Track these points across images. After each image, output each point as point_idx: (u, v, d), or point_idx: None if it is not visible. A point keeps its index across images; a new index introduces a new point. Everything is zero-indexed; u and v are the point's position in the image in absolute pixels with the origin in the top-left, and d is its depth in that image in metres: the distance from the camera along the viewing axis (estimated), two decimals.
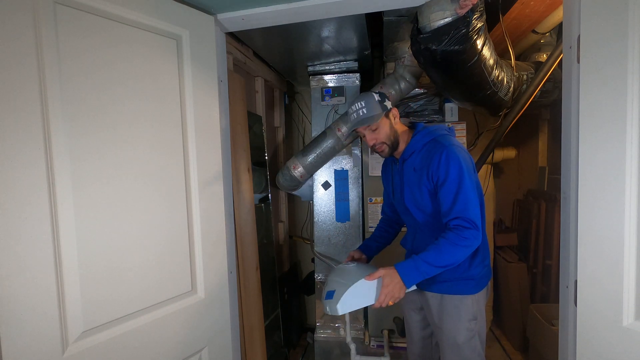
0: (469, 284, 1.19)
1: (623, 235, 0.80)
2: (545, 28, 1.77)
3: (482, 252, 1.21)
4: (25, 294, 0.76)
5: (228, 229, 1.25)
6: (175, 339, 1.07)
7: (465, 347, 1.19)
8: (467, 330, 1.19)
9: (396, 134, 1.22)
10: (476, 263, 1.19)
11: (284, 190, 2.30)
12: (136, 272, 0.97)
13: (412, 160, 1.21)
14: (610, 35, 0.80)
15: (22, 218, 0.75)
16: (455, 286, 1.19)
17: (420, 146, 1.19)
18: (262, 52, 1.97)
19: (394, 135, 1.21)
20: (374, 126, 1.19)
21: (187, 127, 1.09)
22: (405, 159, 1.23)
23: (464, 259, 1.13)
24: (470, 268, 1.18)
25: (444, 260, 1.05)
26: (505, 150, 2.60)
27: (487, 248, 1.25)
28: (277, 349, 2.08)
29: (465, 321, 1.19)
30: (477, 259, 1.19)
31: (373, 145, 1.22)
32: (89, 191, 0.86)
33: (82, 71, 0.85)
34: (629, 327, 0.80)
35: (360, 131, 1.22)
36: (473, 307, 1.19)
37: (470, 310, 1.19)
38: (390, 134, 1.20)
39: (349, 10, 1.21)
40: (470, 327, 1.19)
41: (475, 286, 1.19)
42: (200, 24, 1.14)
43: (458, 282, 1.19)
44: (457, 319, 1.19)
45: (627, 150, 0.79)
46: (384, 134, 1.20)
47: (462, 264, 1.17)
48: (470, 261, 1.18)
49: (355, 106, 1.19)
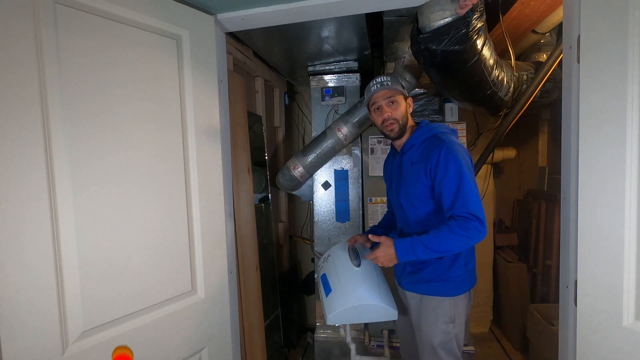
0: (447, 285, 1.18)
1: (623, 235, 0.80)
2: (545, 28, 1.77)
3: (465, 255, 1.19)
4: (26, 294, 0.76)
5: (228, 229, 1.25)
6: (175, 338, 1.07)
7: (441, 349, 1.18)
8: (443, 333, 1.18)
9: (407, 120, 1.22)
10: (457, 265, 1.17)
11: (284, 190, 2.30)
12: (136, 272, 0.97)
13: (410, 153, 1.21)
14: (610, 35, 0.80)
15: (22, 219, 0.75)
16: (433, 287, 1.19)
17: (420, 141, 1.19)
18: (262, 52, 1.97)
19: (406, 119, 1.21)
20: (394, 98, 1.19)
21: (187, 127, 1.09)
22: (405, 152, 1.23)
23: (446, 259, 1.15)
24: (450, 269, 1.17)
25: (441, 245, 1.05)
26: (505, 150, 2.60)
27: (472, 253, 1.23)
28: (277, 349, 2.07)
29: (441, 323, 1.17)
30: (460, 260, 1.18)
31: (385, 119, 1.19)
32: (89, 191, 0.86)
33: (82, 71, 0.85)
34: (629, 327, 0.80)
35: (378, 100, 1.20)
36: (451, 309, 1.18)
37: (448, 312, 1.17)
38: (404, 115, 1.20)
39: (349, 10, 1.21)
40: (447, 330, 1.18)
41: (454, 289, 1.18)
42: (200, 24, 1.14)
43: (437, 283, 1.18)
44: (433, 321, 1.18)
45: (627, 150, 0.79)
46: (400, 112, 1.19)
47: (443, 264, 1.17)
48: (451, 262, 1.17)
49: (380, 78, 1.19)
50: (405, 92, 1.22)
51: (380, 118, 1.21)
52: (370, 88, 1.21)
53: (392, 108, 1.19)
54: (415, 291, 1.24)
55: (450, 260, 1.17)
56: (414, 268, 1.23)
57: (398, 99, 1.19)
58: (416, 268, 1.22)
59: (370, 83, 1.22)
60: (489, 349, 2.34)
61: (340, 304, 1.14)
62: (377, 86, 1.18)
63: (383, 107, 1.19)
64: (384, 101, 1.19)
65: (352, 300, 1.14)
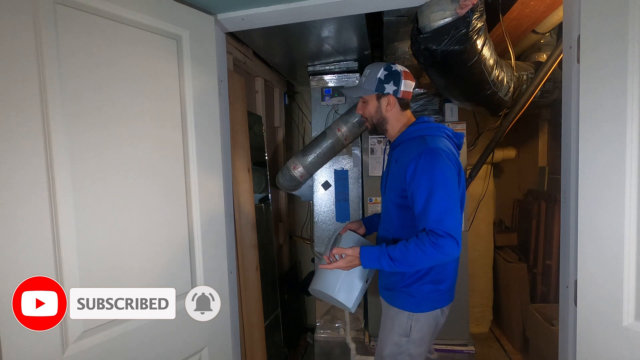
0: (408, 300, 1.12)
1: (623, 235, 0.80)
2: (545, 28, 1.77)
3: (437, 274, 1.11)
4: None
5: (228, 229, 1.25)
6: (175, 338, 1.07)
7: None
8: (394, 345, 1.14)
9: (382, 119, 1.17)
10: (423, 281, 1.11)
11: (284, 190, 2.30)
12: (136, 272, 0.97)
13: (397, 151, 1.16)
14: (610, 35, 0.80)
15: (21, 217, 0.75)
16: (395, 297, 1.15)
17: (408, 139, 1.12)
18: (262, 52, 1.97)
19: (379, 119, 1.18)
20: (364, 98, 1.19)
21: (187, 127, 1.09)
22: (393, 148, 1.19)
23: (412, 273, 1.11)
24: (414, 284, 1.11)
25: (406, 260, 0.99)
26: (505, 150, 2.60)
27: (451, 271, 1.15)
28: (277, 349, 2.07)
29: (395, 335, 1.14)
30: (427, 277, 1.11)
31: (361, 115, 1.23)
32: (89, 191, 0.86)
33: (82, 71, 0.85)
34: (629, 327, 0.80)
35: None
36: (407, 323, 1.12)
37: (404, 326, 1.12)
38: (373, 115, 1.18)
39: (349, 10, 1.20)
40: (399, 343, 1.13)
41: (415, 305, 1.12)
42: (200, 24, 1.14)
43: (399, 294, 1.14)
44: (388, 330, 1.16)
45: (627, 150, 0.79)
46: (368, 111, 1.19)
47: (406, 277, 1.12)
48: (417, 277, 1.11)
49: (364, 71, 1.18)
50: (381, 88, 1.13)
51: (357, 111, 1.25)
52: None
53: (364, 106, 1.20)
54: (382, 296, 1.23)
55: (415, 275, 1.11)
56: (384, 273, 1.22)
57: (367, 99, 1.18)
58: (386, 273, 1.20)
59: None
60: (489, 349, 2.34)
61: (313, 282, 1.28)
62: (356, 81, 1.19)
63: (358, 103, 1.23)
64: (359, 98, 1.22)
65: (318, 285, 1.24)
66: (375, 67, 1.15)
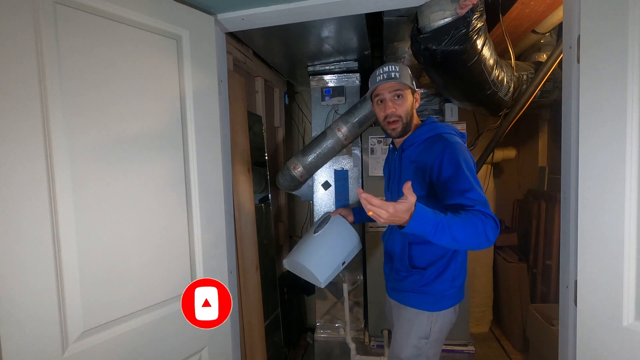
0: (427, 299, 1.10)
1: (623, 235, 0.80)
2: (545, 28, 1.77)
3: (453, 270, 1.10)
4: (25, 293, 0.76)
5: (228, 229, 1.25)
6: (175, 338, 1.07)
7: None
8: (414, 348, 1.11)
9: (412, 117, 1.12)
10: (443, 279, 1.09)
11: (284, 190, 2.30)
12: (136, 272, 0.97)
13: (409, 152, 1.12)
14: (610, 35, 0.80)
15: (22, 218, 0.75)
16: (413, 298, 1.12)
17: (421, 140, 1.10)
18: (262, 52, 1.97)
19: (410, 116, 1.11)
20: (401, 92, 1.08)
21: (187, 126, 1.09)
22: (405, 149, 1.14)
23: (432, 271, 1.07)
24: (433, 282, 1.09)
25: (460, 235, 0.84)
26: (505, 150, 2.60)
27: (463, 268, 1.14)
28: (277, 349, 2.07)
29: (414, 338, 1.11)
30: (446, 274, 1.09)
31: (388, 115, 1.08)
32: (89, 191, 0.86)
33: (82, 71, 0.85)
34: (629, 327, 0.80)
35: (382, 93, 1.09)
36: (427, 325, 1.10)
37: (424, 328, 1.10)
38: (409, 112, 1.10)
39: (349, 10, 1.20)
40: (419, 346, 1.10)
41: (435, 303, 1.10)
42: (200, 24, 1.14)
43: (417, 294, 1.11)
44: (406, 333, 1.12)
45: (627, 150, 0.79)
46: (404, 108, 1.08)
47: (426, 276, 1.09)
48: (435, 275, 1.09)
49: (388, 67, 1.07)
50: (413, 85, 1.11)
51: (383, 113, 1.11)
52: (376, 77, 1.10)
53: (397, 104, 1.08)
54: (395, 299, 1.20)
55: (435, 272, 1.09)
56: (398, 275, 1.18)
57: (404, 94, 1.08)
58: (400, 276, 1.16)
59: (377, 71, 1.11)
60: (489, 349, 2.34)
61: (291, 253, 1.40)
62: (383, 76, 1.07)
63: (387, 102, 1.09)
64: (388, 94, 1.08)
65: (295, 256, 1.36)
66: (398, 64, 1.10)
